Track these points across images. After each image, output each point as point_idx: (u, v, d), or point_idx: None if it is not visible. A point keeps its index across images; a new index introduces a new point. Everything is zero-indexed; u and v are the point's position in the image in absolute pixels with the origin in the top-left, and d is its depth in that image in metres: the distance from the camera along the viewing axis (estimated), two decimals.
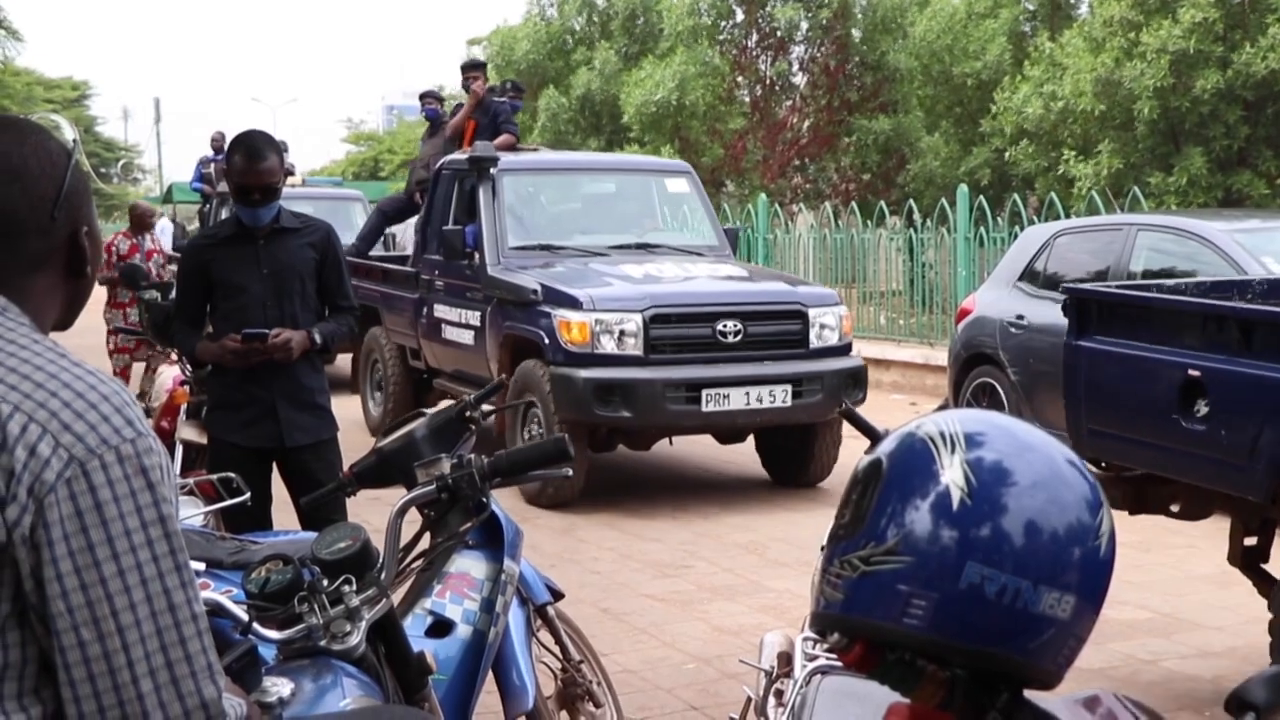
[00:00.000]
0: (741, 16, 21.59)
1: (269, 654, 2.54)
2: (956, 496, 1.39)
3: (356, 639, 2.53)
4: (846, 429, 6.54)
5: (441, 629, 3.04)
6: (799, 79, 22.23)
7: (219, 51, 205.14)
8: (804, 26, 21.16)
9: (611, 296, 7.98)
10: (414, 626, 2.98)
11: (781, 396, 7.93)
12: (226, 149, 4.88)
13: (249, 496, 4.16)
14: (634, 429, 8.09)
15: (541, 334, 8.01)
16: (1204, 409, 4.48)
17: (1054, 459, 1.44)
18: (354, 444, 6.76)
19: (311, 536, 2.90)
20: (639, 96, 20.10)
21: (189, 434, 6.11)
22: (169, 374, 6.83)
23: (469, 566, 3.15)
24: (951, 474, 1.40)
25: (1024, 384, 8.77)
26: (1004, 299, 9.10)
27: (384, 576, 2.66)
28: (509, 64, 22.69)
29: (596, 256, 8.83)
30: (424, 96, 12.77)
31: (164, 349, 7.41)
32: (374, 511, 3.91)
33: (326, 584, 2.52)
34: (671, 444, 9.09)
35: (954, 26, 20.27)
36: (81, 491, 1.46)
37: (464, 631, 3.05)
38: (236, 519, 4.48)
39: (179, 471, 5.81)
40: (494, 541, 3.23)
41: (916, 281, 14.67)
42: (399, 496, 2.98)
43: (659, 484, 8.90)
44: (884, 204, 15.76)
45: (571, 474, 3.28)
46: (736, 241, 10.26)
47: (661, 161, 12.64)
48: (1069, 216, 12.89)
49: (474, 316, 8.94)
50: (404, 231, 12.72)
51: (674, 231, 9.78)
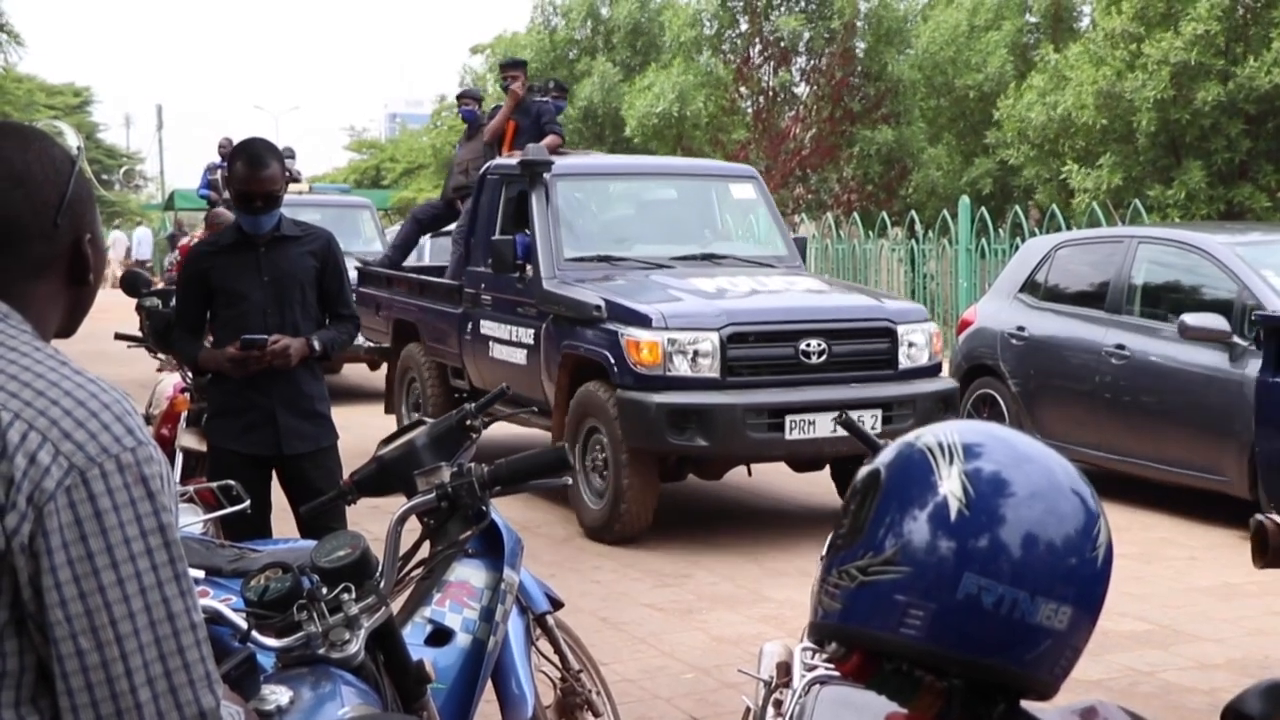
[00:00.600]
0: (745, 26, 21.62)
1: (268, 662, 2.54)
2: (954, 507, 1.39)
3: (355, 647, 2.53)
4: None
5: (441, 638, 3.04)
6: (801, 89, 22.25)
7: (221, 58, 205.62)
8: (807, 37, 21.19)
9: (684, 313, 7.31)
10: (413, 635, 2.98)
11: (871, 422, 7.05)
12: (229, 156, 4.89)
13: (249, 504, 4.15)
14: (711, 458, 7.48)
15: (607, 354, 7.33)
16: None
17: (1052, 470, 1.44)
18: (365, 454, 6.74)
19: (311, 544, 2.90)
20: (641, 107, 20.13)
21: (189, 441, 6.11)
22: (169, 381, 6.85)
23: (469, 575, 3.15)
24: (949, 485, 1.40)
25: (1025, 395, 8.78)
26: (1005, 310, 9.12)
27: (383, 585, 2.67)
28: None
29: (660, 269, 8.17)
30: (461, 97, 11.98)
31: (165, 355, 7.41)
32: (374, 519, 3.91)
33: (326, 592, 2.52)
34: (750, 474, 8.41)
35: (956, 38, 20.34)
36: (81, 500, 1.45)
37: (463, 640, 3.05)
38: (236, 526, 4.47)
39: (179, 479, 5.80)
40: (494, 550, 3.23)
41: (918, 292, 14.69)
42: (399, 505, 2.98)
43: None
44: (886, 215, 15.80)
45: (571, 483, 3.28)
46: (805, 252, 9.57)
47: (726, 165, 11.83)
48: (1070, 228, 12.92)
49: (527, 334, 8.22)
50: (427, 240, 12.24)
51: (739, 241, 9.16)
